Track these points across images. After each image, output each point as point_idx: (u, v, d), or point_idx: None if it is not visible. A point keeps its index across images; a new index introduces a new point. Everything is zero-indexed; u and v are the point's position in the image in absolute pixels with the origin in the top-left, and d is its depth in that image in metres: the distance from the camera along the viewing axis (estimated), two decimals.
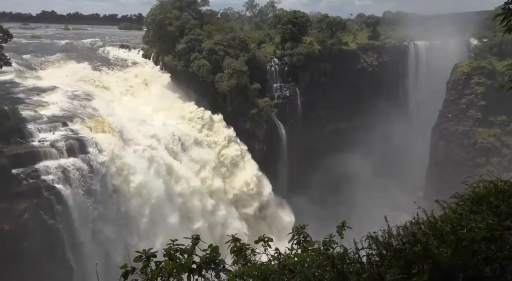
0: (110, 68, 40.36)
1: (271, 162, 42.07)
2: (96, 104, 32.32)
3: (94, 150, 27.18)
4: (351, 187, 45.18)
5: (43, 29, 76.06)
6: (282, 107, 45.01)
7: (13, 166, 23.58)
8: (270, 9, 64.67)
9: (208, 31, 42.16)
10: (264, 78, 44.22)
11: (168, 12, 41.55)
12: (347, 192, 44.82)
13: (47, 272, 22.55)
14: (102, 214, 26.06)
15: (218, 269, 4.37)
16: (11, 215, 21.92)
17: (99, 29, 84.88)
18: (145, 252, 4.14)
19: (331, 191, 43.97)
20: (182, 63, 40.16)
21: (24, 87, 32.62)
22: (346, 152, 45.71)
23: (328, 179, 43.65)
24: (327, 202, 42.96)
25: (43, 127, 26.98)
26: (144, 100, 37.46)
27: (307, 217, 35.61)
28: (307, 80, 47.68)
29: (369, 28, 60.73)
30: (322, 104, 48.89)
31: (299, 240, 5.05)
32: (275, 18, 50.31)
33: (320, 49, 48.57)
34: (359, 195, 45.31)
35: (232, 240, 4.90)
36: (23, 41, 46.50)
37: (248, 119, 40.79)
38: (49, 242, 23.19)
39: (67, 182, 24.85)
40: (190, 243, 4.42)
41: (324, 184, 43.37)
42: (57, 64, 38.35)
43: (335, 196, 43.96)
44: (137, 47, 46.48)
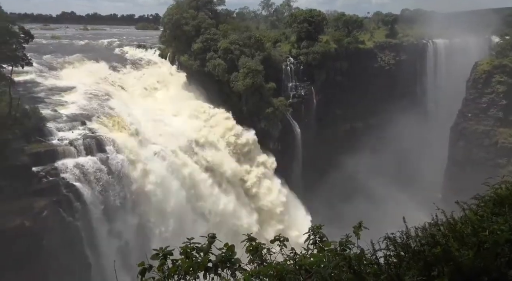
0: (127, 68, 40.93)
1: (286, 161, 41.97)
2: (113, 103, 32.80)
3: (111, 149, 27.61)
4: (367, 187, 44.69)
5: (63, 29, 77.70)
6: (297, 107, 44.85)
7: (34, 164, 24.15)
8: (286, 8, 64.49)
9: (224, 30, 42.32)
10: (279, 77, 44.14)
11: (184, 12, 41.87)
12: (363, 192, 44.36)
13: (66, 268, 23.02)
14: (118, 212, 26.47)
15: (234, 268, 4.38)
16: (31, 212, 22.44)
17: (117, 29, 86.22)
18: (162, 250, 4.17)
19: (346, 191, 43.57)
20: (198, 63, 40.43)
21: (44, 86, 33.35)
22: (362, 152, 45.21)
23: (343, 178, 43.24)
24: (342, 202, 42.58)
25: (62, 126, 27.53)
26: (160, 99, 37.86)
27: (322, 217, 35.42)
28: (322, 79, 47.40)
29: (387, 26, 59.96)
30: (338, 103, 48.50)
31: (315, 240, 5.01)
32: (291, 17, 50.16)
33: (336, 48, 48.22)
34: (375, 196, 44.76)
35: (248, 239, 4.90)
36: (43, 42, 47.56)
37: (263, 118, 40.81)
38: (68, 239, 23.65)
39: (85, 180, 25.32)
40: (206, 241, 4.44)
41: (339, 184, 42.98)
42: (76, 64, 39.08)
43: (351, 196, 43.54)
44: (154, 47, 47.00)
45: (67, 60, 39.29)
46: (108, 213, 25.86)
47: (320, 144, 45.70)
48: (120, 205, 26.70)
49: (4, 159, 22.34)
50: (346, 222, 19.96)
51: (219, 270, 4.38)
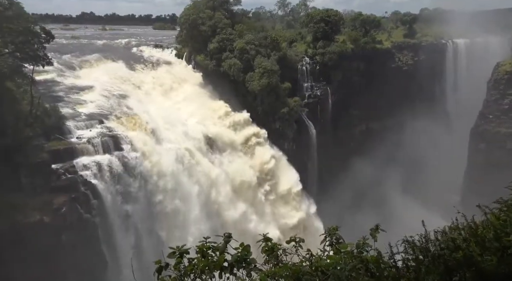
0: (144, 67, 41.43)
1: (301, 162, 41.78)
2: (130, 102, 33.26)
3: (128, 147, 28.00)
4: (383, 189, 44.15)
5: (82, 30, 79.17)
6: (313, 107, 44.63)
7: (53, 161, 24.69)
8: (302, 8, 64.22)
9: (240, 30, 42.41)
10: (295, 78, 43.99)
11: (201, 12, 42.14)
12: (379, 194, 43.83)
13: (83, 265, 23.45)
14: (134, 209, 26.83)
15: (250, 268, 4.36)
16: (51, 208, 22.96)
17: (135, 29, 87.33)
18: (178, 248, 4.19)
19: (362, 192, 43.12)
20: (214, 63, 40.63)
21: (64, 85, 34.02)
22: (378, 153, 44.66)
23: (359, 180, 42.79)
24: (357, 204, 42.18)
25: (81, 125, 28.07)
26: (176, 99, 38.18)
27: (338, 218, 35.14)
28: (338, 79, 47.03)
29: (405, 26, 59.08)
30: (354, 103, 48.05)
31: (332, 241, 4.95)
32: (307, 17, 49.92)
33: (353, 48, 47.78)
34: (391, 198, 44.18)
35: (264, 239, 4.88)
36: (64, 42, 48.49)
37: (278, 118, 40.73)
38: (85, 235, 24.10)
39: (102, 178, 25.74)
40: (222, 241, 4.44)
41: (355, 185, 42.56)
42: (94, 63, 39.73)
43: (366, 197, 43.06)
44: (170, 46, 47.44)
45: (86, 59, 39.97)
46: (124, 210, 26.23)
47: (336, 145, 45.37)
48: (136, 203, 27.04)
49: (25, 156, 22.91)
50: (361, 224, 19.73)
51: (235, 270, 4.38)
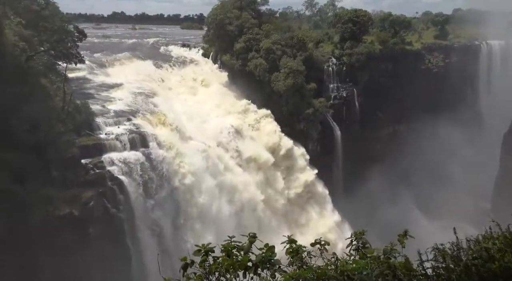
0: (171, 66, 42.13)
1: (324, 163, 41.39)
2: (157, 100, 33.88)
3: (154, 145, 28.53)
4: (410, 194, 43.09)
5: (113, 29, 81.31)
6: (338, 108, 44.13)
7: (82, 156, 25.45)
8: (330, 8, 63.59)
9: (267, 30, 42.43)
10: (320, 78, 43.63)
11: (228, 11, 42.44)
12: (405, 199, 42.79)
13: (108, 259, 24.04)
14: (159, 206, 27.31)
15: (274, 269, 4.34)
16: (79, 202, 23.68)
17: (163, 29, 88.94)
18: (203, 246, 4.22)
19: (388, 196, 42.18)
20: (240, 62, 40.83)
21: (94, 83, 35.07)
22: (405, 156, 43.63)
23: (385, 183, 41.95)
24: (383, 208, 41.30)
25: (109, 121, 28.81)
26: (202, 98, 38.60)
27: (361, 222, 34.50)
28: (365, 81, 46.34)
29: (436, 27, 57.49)
30: (381, 105, 47.18)
31: (358, 246, 4.86)
32: (335, 17, 49.39)
33: (381, 49, 46.96)
34: (418, 203, 43.04)
35: (288, 241, 4.84)
36: (95, 41, 49.98)
37: (302, 119, 40.54)
38: (111, 230, 24.72)
39: (129, 174, 26.34)
40: (247, 241, 4.44)
41: (380, 189, 41.74)
42: (124, 62, 40.75)
43: (393, 202, 42.10)
44: (197, 46, 48.04)
45: (116, 58, 41.05)
46: (149, 206, 26.75)
47: (361, 147, 44.66)
48: (161, 199, 27.52)
49: (56, 151, 23.71)
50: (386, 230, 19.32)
51: (259, 270, 4.37)
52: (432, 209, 42.24)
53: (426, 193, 43.77)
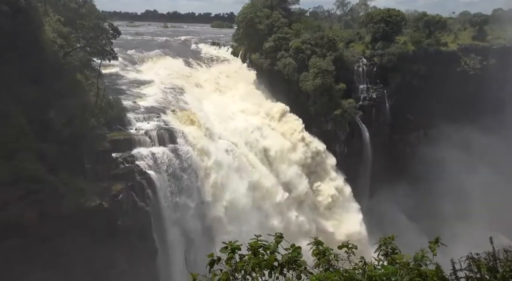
0: (201, 64, 42.65)
1: (351, 165, 40.73)
2: (186, 98, 34.40)
3: (182, 141, 28.99)
4: (440, 201, 41.60)
5: (145, 27, 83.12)
6: (368, 110, 43.31)
7: (113, 150, 26.19)
8: (362, 8, 62.41)
9: (296, 29, 42.17)
10: (350, 79, 42.92)
11: (258, 10, 42.50)
12: (436, 205, 41.32)
13: (135, 251, 24.68)
14: (185, 202, 27.74)
15: (300, 270, 4.31)
16: (109, 195, 24.38)
17: (194, 27, 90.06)
18: (230, 244, 4.24)
19: (417, 201, 40.94)
20: (269, 61, 40.78)
21: (126, 79, 36.03)
22: (437, 161, 42.19)
23: (414, 188, 40.80)
24: (412, 213, 40.19)
25: (140, 117, 29.53)
26: (230, 96, 38.87)
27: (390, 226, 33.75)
28: (397, 82, 45.22)
29: (474, 28, 55.19)
30: (412, 108, 45.89)
31: (387, 251, 4.74)
32: (366, 17, 48.42)
33: (415, 50, 45.67)
34: (448, 210, 41.51)
35: (315, 242, 4.79)
36: (128, 38, 51.22)
37: (330, 119, 40.05)
38: (139, 223, 25.34)
39: (157, 169, 26.89)
40: (273, 240, 4.43)
41: (409, 194, 40.63)
42: (155, 59, 41.61)
43: (422, 207, 40.80)
44: (227, 44, 48.36)
45: (148, 55, 41.98)
46: (175, 201, 27.22)
47: (390, 150, 43.64)
48: (187, 195, 27.95)
49: (89, 144, 24.51)
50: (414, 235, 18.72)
51: (285, 270, 4.34)
52: (464, 219, 40.62)
53: (459, 201, 42.16)
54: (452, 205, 41.83)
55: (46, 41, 24.37)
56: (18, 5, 21.64)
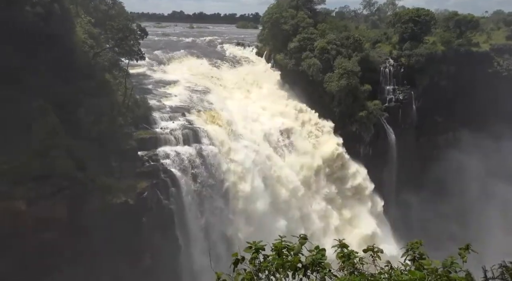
0: (226, 64, 42.94)
1: (376, 167, 40.01)
2: (211, 98, 34.71)
3: (206, 141, 29.27)
4: (468, 206, 40.25)
5: (172, 27, 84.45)
6: (394, 111, 42.49)
7: (139, 148, 26.73)
8: (389, 7, 61.20)
9: (322, 30, 41.81)
10: (376, 80, 42.22)
11: (284, 11, 42.37)
12: (463, 211, 39.98)
13: (159, 247, 25.10)
14: (208, 200, 28.00)
15: (324, 272, 4.26)
16: (134, 192, 24.88)
17: (219, 28, 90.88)
18: (254, 243, 4.24)
19: (444, 205, 39.77)
20: (293, 62, 40.60)
21: (153, 79, 36.70)
22: (466, 165, 40.87)
23: (441, 192, 39.68)
24: (437, 218, 39.08)
25: (165, 116, 30.00)
26: (254, 96, 38.96)
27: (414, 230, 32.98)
28: (425, 84, 44.15)
29: (508, 27, 53.15)
30: (441, 109, 44.74)
31: (414, 257, 4.62)
32: (394, 16, 47.47)
33: (444, 50, 44.44)
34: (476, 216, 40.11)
35: (339, 245, 4.73)
36: (155, 38, 52.20)
37: (355, 121, 39.49)
38: (163, 220, 25.75)
39: (181, 167, 27.26)
40: (297, 241, 4.40)
41: (436, 197, 39.55)
42: (181, 59, 42.18)
43: (448, 212, 39.59)
44: (252, 45, 48.49)
45: (174, 55, 42.61)
46: (198, 199, 27.53)
47: (417, 152, 42.61)
48: (209, 193, 28.21)
49: (117, 142, 25.12)
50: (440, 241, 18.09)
51: (308, 272, 4.31)
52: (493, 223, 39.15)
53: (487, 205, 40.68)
54: (483, 210, 40.41)
55: (77, 42, 25.16)
56: (52, 8, 22.43)
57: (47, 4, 22.21)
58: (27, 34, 21.23)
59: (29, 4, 21.50)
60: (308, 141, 36.45)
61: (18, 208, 20.50)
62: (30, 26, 21.23)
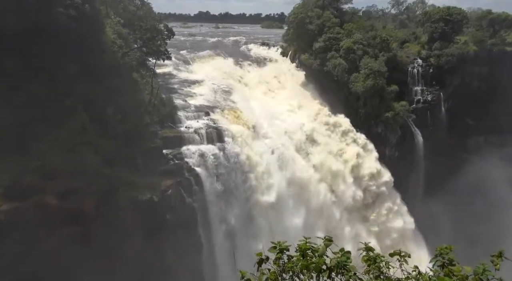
0: (250, 64, 43.07)
1: (402, 170, 39.08)
2: (235, 97, 34.91)
3: (229, 140, 29.47)
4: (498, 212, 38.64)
5: (198, 27, 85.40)
6: (422, 113, 41.39)
7: (164, 147, 27.23)
8: (419, 6, 59.61)
9: (348, 29, 41.20)
10: (403, 80, 41.27)
11: (309, 10, 42.04)
12: (495, 219, 38.29)
13: (181, 245, 25.43)
14: (230, 200, 28.17)
15: (349, 275, 4.19)
16: (159, 189, 25.32)
17: (244, 28, 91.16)
18: (279, 244, 4.22)
19: (474, 212, 38.28)
20: (318, 62, 40.21)
21: (178, 79, 37.25)
22: (499, 171, 39.26)
23: (470, 196, 38.27)
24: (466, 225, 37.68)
25: (190, 115, 30.42)
26: (278, 96, 38.89)
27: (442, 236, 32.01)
28: (455, 84, 42.75)
29: None
30: (471, 112, 43.26)
31: (444, 263, 4.47)
32: (424, 15, 46.19)
33: (476, 50, 42.86)
34: (508, 223, 38.46)
35: (365, 248, 4.64)
36: (181, 38, 52.90)
37: (381, 122, 38.74)
38: (186, 218, 26.08)
39: (204, 166, 27.55)
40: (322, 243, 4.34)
41: (465, 202, 38.21)
42: (206, 59, 42.62)
43: (478, 219, 38.02)
44: (276, 45, 48.39)
45: (199, 55, 43.11)
46: (221, 198, 27.74)
47: (446, 156, 41.30)
48: (232, 193, 28.38)
49: (143, 141, 25.67)
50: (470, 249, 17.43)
51: (333, 274, 4.25)
52: None
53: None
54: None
55: (107, 42, 25.85)
56: (83, 9, 23.13)
57: (79, 5, 22.91)
58: (60, 35, 21.97)
59: (62, 6, 22.24)
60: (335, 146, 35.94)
61: (49, 202, 21.26)
62: (62, 27, 21.96)
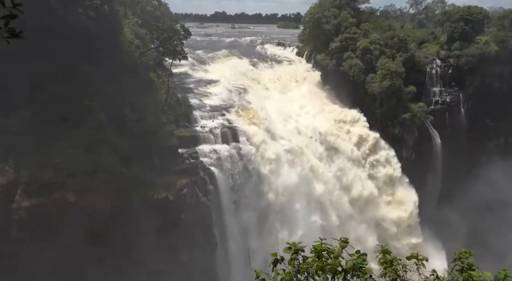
0: (266, 65, 43.05)
1: (419, 172, 38.44)
2: (250, 97, 34.93)
3: (244, 140, 29.54)
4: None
5: (214, 28, 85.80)
6: (440, 114, 40.59)
7: (180, 146, 27.46)
8: (438, 5, 58.45)
9: (365, 29, 40.74)
10: (421, 81, 40.54)
11: (326, 10, 41.75)
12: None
13: (196, 243, 25.63)
14: (245, 199, 28.23)
15: (365, 277, 4.14)
16: (174, 188, 25.56)
17: (260, 28, 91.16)
18: (294, 244, 4.20)
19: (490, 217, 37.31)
20: (334, 62, 39.87)
21: (194, 78, 37.54)
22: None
23: (489, 201, 37.35)
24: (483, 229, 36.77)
25: (205, 115, 30.60)
26: (293, 96, 38.74)
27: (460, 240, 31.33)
28: (475, 85, 41.79)
29: None
30: (491, 113, 42.26)
31: (463, 267, 4.38)
32: (443, 15, 45.27)
33: (498, 50, 41.78)
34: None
35: (381, 251, 4.58)
36: (198, 39, 53.30)
37: (397, 123, 38.14)
38: (200, 217, 26.25)
39: (219, 166, 27.67)
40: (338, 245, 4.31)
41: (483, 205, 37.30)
42: (222, 59, 42.83)
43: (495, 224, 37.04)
44: (292, 45, 48.22)
45: (215, 55, 43.33)
46: (235, 198, 27.82)
47: (464, 158, 40.42)
48: (247, 193, 28.42)
49: (159, 140, 25.95)
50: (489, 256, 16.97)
51: (348, 276, 4.21)
52: None
53: None
54: None
55: (124, 42, 26.25)
56: (102, 10, 23.54)
57: (98, 6, 23.32)
58: (79, 35, 22.41)
59: (82, 7, 22.68)
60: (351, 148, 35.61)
61: (68, 199, 21.72)
62: (81, 27, 22.39)
